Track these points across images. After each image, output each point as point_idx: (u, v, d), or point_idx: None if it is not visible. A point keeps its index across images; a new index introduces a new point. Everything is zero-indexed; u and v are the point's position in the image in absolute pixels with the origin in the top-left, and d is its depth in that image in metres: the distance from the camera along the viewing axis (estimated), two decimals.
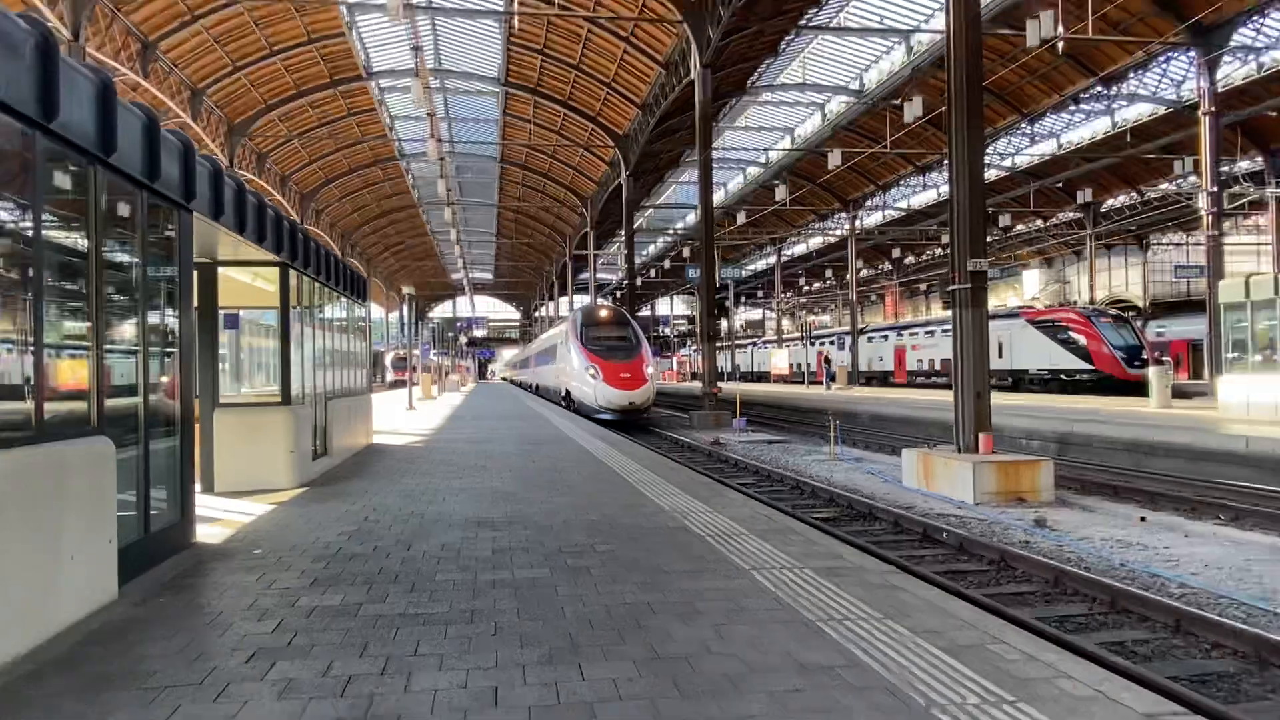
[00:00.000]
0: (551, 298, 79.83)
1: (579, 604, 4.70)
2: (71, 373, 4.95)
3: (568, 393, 29.32)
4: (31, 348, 4.23)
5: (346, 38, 33.95)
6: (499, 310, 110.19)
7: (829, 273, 68.76)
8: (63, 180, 4.93)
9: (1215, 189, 25.79)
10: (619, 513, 7.62)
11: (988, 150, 30.28)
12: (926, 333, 44.20)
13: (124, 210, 5.58)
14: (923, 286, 70.14)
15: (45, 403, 4.33)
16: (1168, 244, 51.81)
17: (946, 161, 14.22)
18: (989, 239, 15.89)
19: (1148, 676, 5.08)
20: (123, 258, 5.71)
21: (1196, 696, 4.85)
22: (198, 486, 7.45)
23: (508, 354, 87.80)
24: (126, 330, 5.69)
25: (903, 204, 49.50)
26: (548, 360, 36.59)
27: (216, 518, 7.55)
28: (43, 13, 21.59)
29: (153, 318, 5.89)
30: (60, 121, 4.35)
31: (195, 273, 7.26)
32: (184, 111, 31.47)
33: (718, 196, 43.88)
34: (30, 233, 4.29)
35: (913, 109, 27.95)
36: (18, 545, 3.90)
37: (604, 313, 30.18)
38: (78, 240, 5.04)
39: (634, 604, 4.69)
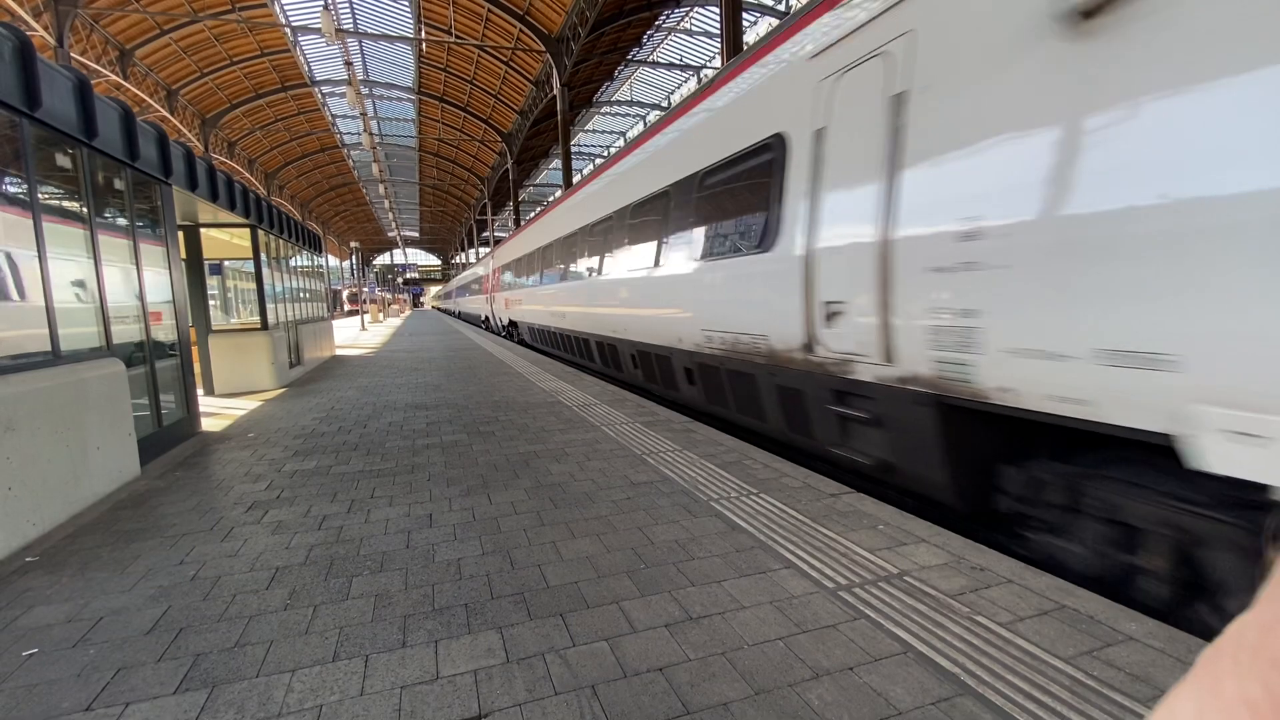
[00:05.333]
0: (463, 249, 75.58)
1: (487, 455, 4.66)
2: (86, 313, 4.27)
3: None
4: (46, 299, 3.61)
5: (293, 53, 29.68)
6: (425, 259, 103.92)
7: None
8: (61, 160, 4.13)
9: None
10: (514, 394, 7.53)
11: None
12: None
13: (117, 184, 4.78)
14: None
15: (60, 331, 3.74)
16: None
17: None
18: None
19: (833, 473, 5.65)
20: (120, 220, 4.92)
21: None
22: (200, 391, 6.73)
23: (433, 289, 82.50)
24: (130, 278, 4.95)
25: None
26: (583, 264, 9.43)
27: (217, 413, 6.88)
28: (29, 23, 17.60)
29: (147, 268, 5.12)
30: (44, 110, 3.63)
31: (180, 233, 6.39)
32: (162, 108, 26.83)
33: (575, 179, 42.45)
34: (29, 202, 3.60)
35: None
36: (48, 441, 3.42)
37: None
38: (78, 207, 4.27)
39: (525, 453, 4.70)
